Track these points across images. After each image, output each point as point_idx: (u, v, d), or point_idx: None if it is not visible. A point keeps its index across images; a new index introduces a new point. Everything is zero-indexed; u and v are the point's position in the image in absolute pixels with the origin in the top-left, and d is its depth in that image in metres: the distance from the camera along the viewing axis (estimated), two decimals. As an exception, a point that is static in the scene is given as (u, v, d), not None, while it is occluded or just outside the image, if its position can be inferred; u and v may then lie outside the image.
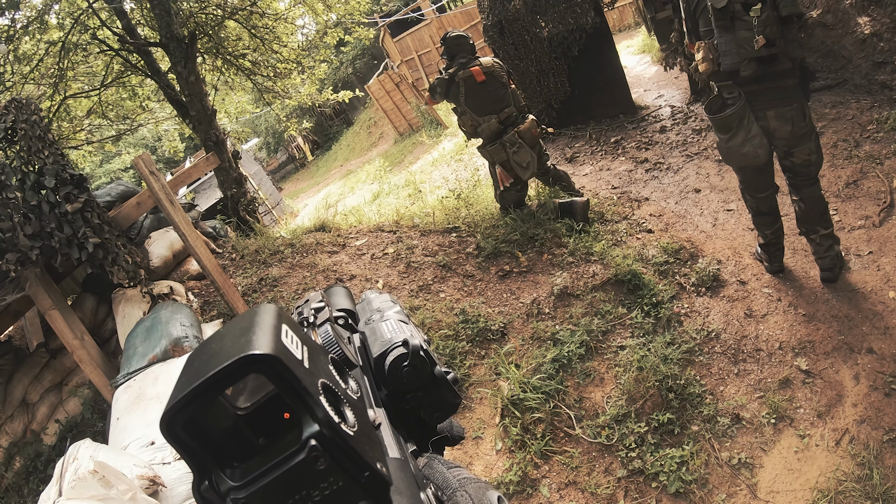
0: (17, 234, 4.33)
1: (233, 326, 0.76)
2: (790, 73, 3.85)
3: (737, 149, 4.08)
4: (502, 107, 5.96)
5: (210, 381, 0.66)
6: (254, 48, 10.32)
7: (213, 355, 0.70)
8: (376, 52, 28.39)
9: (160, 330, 4.24)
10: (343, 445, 0.70)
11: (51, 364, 5.63)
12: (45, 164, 4.48)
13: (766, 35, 3.65)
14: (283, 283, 5.78)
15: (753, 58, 3.75)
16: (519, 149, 5.83)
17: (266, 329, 0.73)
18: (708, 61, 3.95)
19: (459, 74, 5.96)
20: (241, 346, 0.69)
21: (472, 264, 5.66)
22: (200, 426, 0.69)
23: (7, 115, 4.55)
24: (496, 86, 5.95)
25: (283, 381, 0.68)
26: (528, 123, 5.91)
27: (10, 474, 5.44)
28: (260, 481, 0.69)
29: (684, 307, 4.66)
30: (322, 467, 0.69)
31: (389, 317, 1.10)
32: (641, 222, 5.81)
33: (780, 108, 3.95)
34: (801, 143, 4.05)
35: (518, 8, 8.08)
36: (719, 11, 3.76)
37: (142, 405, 3.48)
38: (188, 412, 0.67)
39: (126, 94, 10.87)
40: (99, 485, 2.49)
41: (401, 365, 0.97)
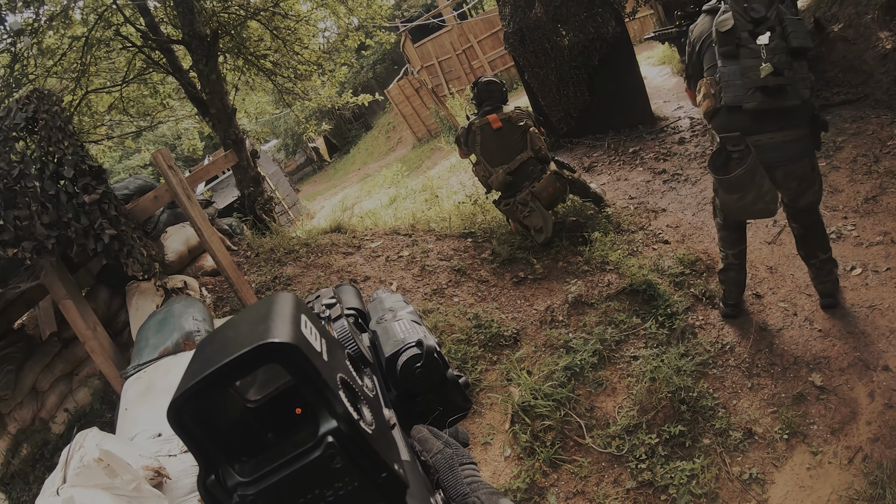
0: (34, 222, 4.37)
1: (248, 314, 0.74)
2: (800, 119, 3.63)
3: (749, 206, 3.75)
4: (515, 154, 5.78)
5: (224, 369, 0.64)
6: (275, 49, 10.36)
7: (227, 343, 0.68)
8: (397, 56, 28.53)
9: (173, 323, 4.26)
10: (361, 444, 0.68)
11: (62, 353, 5.68)
12: (64, 155, 4.52)
13: (773, 63, 3.44)
14: (296, 282, 5.79)
15: (759, 87, 3.50)
16: (531, 212, 5.65)
17: (285, 318, 0.71)
18: (709, 97, 3.70)
19: (475, 123, 5.86)
20: (258, 333, 0.67)
21: (486, 270, 5.66)
22: (209, 417, 0.67)
23: (29, 105, 4.60)
24: (513, 133, 5.78)
25: (302, 373, 0.66)
26: (545, 181, 5.66)
27: (17, 461, 5.49)
28: (270, 478, 0.66)
29: (699, 319, 4.63)
30: (338, 466, 0.67)
31: (402, 317, 1.08)
32: (658, 233, 5.78)
33: (790, 165, 3.71)
34: (807, 192, 3.85)
35: (539, 16, 8.07)
36: (724, 35, 3.56)
37: (151, 397, 3.50)
38: (198, 401, 0.65)
39: (147, 91, 10.93)
40: (104, 473, 2.50)
41: (413, 365, 0.95)
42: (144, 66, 9.95)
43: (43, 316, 5.91)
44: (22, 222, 4.37)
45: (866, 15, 6.41)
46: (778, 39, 3.46)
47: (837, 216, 5.17)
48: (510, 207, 5.79)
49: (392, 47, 20.62)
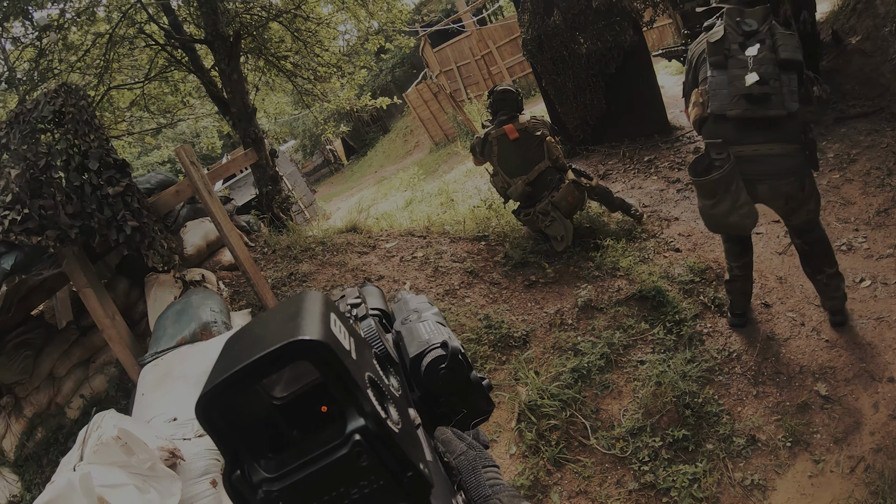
0: (59, 212, 4.50)
1: (278, 312, 0.76)
2: (787, 132, 3.67)
3: (721, 217, 3.76)
4: (533, 164, 5.78)
5: (255, 365, 0.65)
6: (295, 51, 10.51)
7: (257, 339, 0.68)
8: (416, 61, 28.57)
9: (191, 313, 4.37)
10: (388, 443, 0.68)
11: (80, 341, 5.81)
12: (90, 148, 4.65)
13: (759, 73, 3.51)
14: (312, 279, 5.89)
15: (743, 95, 3.56)
16: (552, 222, 5.68)
17: (315, 315, 0.71)
18: (698, 106, 3.77)
19: (492, 133, 5.87)
20: (289, 330, 0.67)
21: (499, 272, 5.73)
22: (236, 412, 0.68)
23: (56, 99, 4.73)
24: (530, 144, 5.79)
25: (331, 371, 0.66)
26: (564, 190, 5.67)
27: (31, 444, 5.62)
28: (296, 475, 0.67)
29: (707, 326, 4.68)
30: (364, 464, 0.67)
31: (427, 318, 1.08)
32: (670, 241, 5.82)
33: (774, 181, 3.72)
34: (799, 210, 3.86)
35: (557, 23, 8.13)
36: (713, 45, 3.65)
37: (167, 383, 3.60)
38: (227, 396, 0.66)
39: (168, 89, 11.12)
40: (121, 451, 2.59)
41: (438, 366, 0.95)
42: (166, 63, 10.09)
43: (60, 306, 6.03)
44: (47, 211, 4.50)
45: (884, 28, 6.43)
46: (767, 51, 3.53)
47: (849, 228, 5.21)
48: (530, 217, 5.82)
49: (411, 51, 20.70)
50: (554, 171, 5.80)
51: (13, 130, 4.76)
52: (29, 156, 4.57)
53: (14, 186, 4.48)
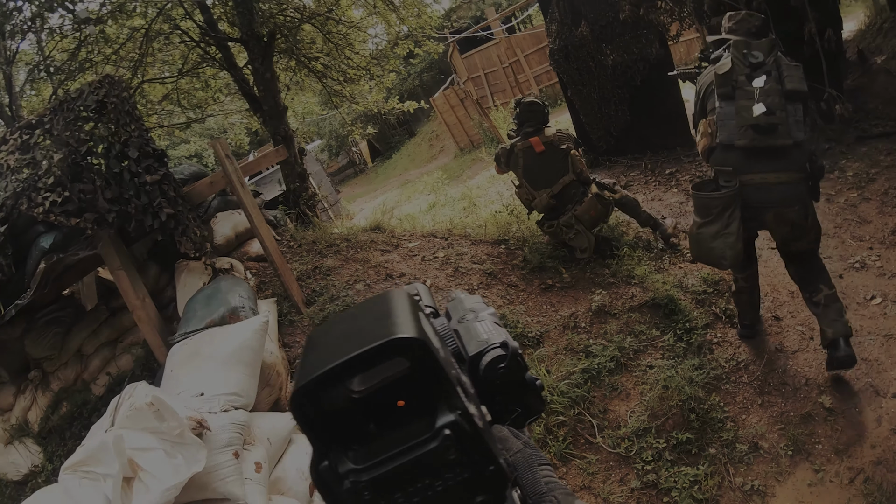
0: (98, 196, 4.70)
1: (366, 309, 0.79)
2: (793, 161, 3.77)
3: (706, 240, 3.89)
4: (558, 177, 5.85)
5: (355, 360, 0.67)
6: (326, 52, 10.64)
7: (351, 335, 0.71)
8: (444, 66, 28.71)
9: (220, 298, 4.56)
10: (476, 437, 0.71)
11: (109, 321, 6.00)
12: (130, 137, 4.85)
13: (766, 104, 3.62)
14: (335, 273, 6.05)
15: (751, 125, 3.68)
16: (576, 234, 5.77)
17: (406, 314, 0.74)
18: (706, 136, 3.88)
19: (518, 145, 5.95)
20: (386, 328, 0.70)
21: (516, 275, 5.86)
22: (325, 405, 0.70)
23: (100, 90, 4.94)
24: (555, 157, 5.86)
25: (425, 367, 0.69)
26: (587, 203, 5.75)
27: (56, 417, 5.77)
28: (385, 466, 0.69)
29: (717, 336, 4.78)
30: (452, 457, 0.69)
31: (484, 317, 1.06)
32: (685, 252, 5.90)
33: (780, 208, 3.82)
34: (801, 239, 3.96)
35: (584, 35, 8.24)
36: (722, 77, 3.76)
37: (196, 361, 3.78)
38: (323, 389, 0.68)
39: (199, 85, 11.23)
40: (153, 417, 2.76)
41: (497, 366, 0.93)
42: (199, 60, 10.29)
43: (85, 290, 6.22)
44: (86, 195, 4.70)
45: (910, 47, 6.51)
46: (773, 83, 3.64)
47: (863, 246, 5.29)
48: (554, 229, 5.92)
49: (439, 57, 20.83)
50: (578, 184, 5.88)
51: (57, 117, 4.98)
52: (71, 142, 4.78)
53: (56, 170, 4.69)
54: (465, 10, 31.18)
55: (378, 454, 0.69)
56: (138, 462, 2.67)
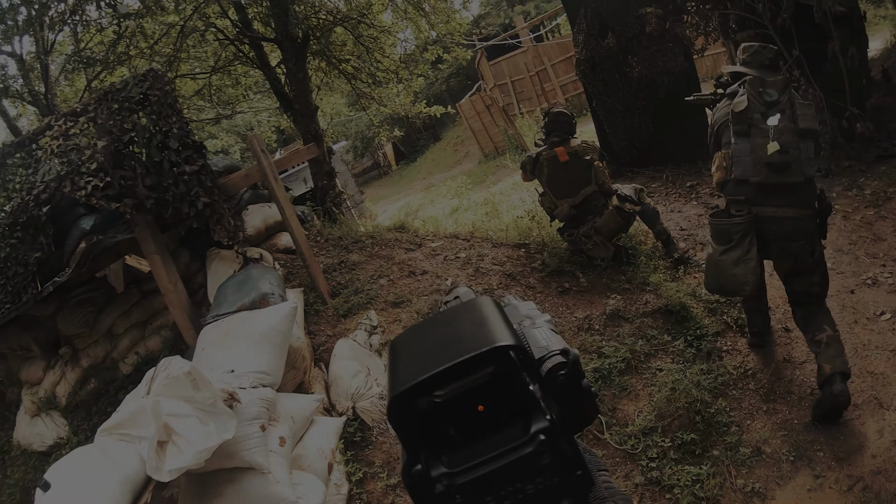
0: (138, 183, 4.94)
1: (457, 317, 0.84)
2: (803, 198, 3.91)
3: (727, 267, 3.97)
4: (580, 188, 5.96)
5: (458, 367, 0.71)
6: (357, 55, 10.91)
7: (447, 343, 0.76)
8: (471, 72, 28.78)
9: (251, 284, 4.78)
10: (567, 442, 0.75)
11: (140, 303, 6.25)
12: (171, 129, 5.09)
13: (780, 142, 3.76)
14: (360, 268, 6.27)
15: (765, 163, 3.82)
16: (594, 245, 5.91)
17: (501, 322, 0.79)
18: (721, 169, 4.04)
19: (544, 154, 6.05)
20: (485, 336, 0.74)
21: (535, 278, 6.02)
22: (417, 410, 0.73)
23: (144, 83, 5.19)
24: (578, 167, 5.95)
25: (520, 374, 0.73)
26: (607, 216, 5.87)
27: (84, 392, 6.02)
28: (479, 470, 0.72)
29: (727, 344, 4.90)
30: (545, 462, 0.72)
31: (541, 324, 1.10)
32: (701, 263, 5.99)
33: (787, 242, 3.98)
34: (802, 276, 4.10)
35: (611, 46, 8.35)
36: (738, 115, 3.90)
37: (228, 340, 4.01)
38: (420, 395, 0.72)
39: (230, 82, 11.59)
40: (189, 386, 2.96)
41: (558, 372, 0.95)
42: (232, 57, 10.52)
43: (112, 275, 6.45)
44: (127, 182, 4.94)
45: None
46: (787, 121, 3.78)
47: (876, 263, 5.37)
48: (573, 238, 6.05)
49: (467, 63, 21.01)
50: (599, 195, 5.98)
51: (101, 107, 5.23)
52: (115, 130, 5.03)
53: (99, 156, 4.94)
54: (493, 16, 31.33)
55: (472, 458, 0.73)
56: (173, 427, 2.87)
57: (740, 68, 4.18)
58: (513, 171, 14.82)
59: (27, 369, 6.34)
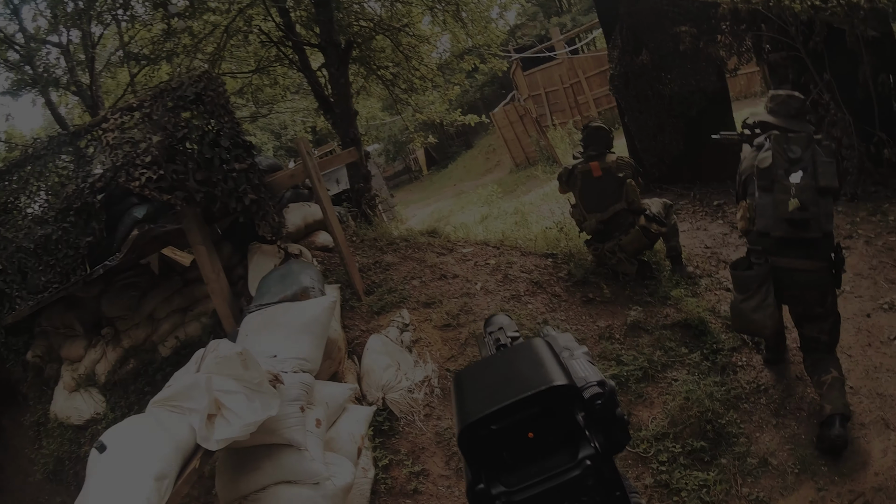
0: (189, 177, 5.24)
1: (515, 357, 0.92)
2: (819, 251, 4.09)
3: (748, 313, 4.23)
4: (609, 204, 6.03)
5: (520, 404, 0.78)
6: (396, 62, 11.14)
7: (510, 381, 0.83)
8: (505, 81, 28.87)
9: (292, 278, 5.06)
10: (610, 467, 0.81)
11: (182, 291, 6.55)
12: (222, 128, 5.39)
13: (800, 199, 3.93)
14: (394, 269, 6.53)
15: (785, 219, 4.00)
16: (618, 262, 6.05)
17: (555, 363, 0.86)
18: (745, 219, 4.25)
19: (579, 167, 6.14)
20: (543, 376, 0.80)
21: (561, 287, 6.22)
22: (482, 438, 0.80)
23: (199, 83, 5.49)
24: (611, 183, 6.01)
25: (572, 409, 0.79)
26: (633, 235, 5.97)
27: (123, 371, 6.28)
28: (532, 490, 0.78)
29: (742, 360, 5.07)
30: (590, 483, 0.78)
31: (579, 356, 1.13)
32: (723, 281, 6.17)
33: (798, 291, 4.21)
34: (812, 323, 4.28)
35: (645, 63, 8.43)
36: (762, 171, 4.08)
37: (271, 327, 4.30)
38: (487, 425, 0.78)
39: (268, 82, 11.86)
40: (240, 366, 3.23)
41: (595, 402, 0.99)
42: (274, 59, 10.83)
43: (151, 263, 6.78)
44: (178, 175, 5.24)
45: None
46: (808, 179, 3.96)
47: (894, 288, 5.49)
48: (598, 252, 6.19)
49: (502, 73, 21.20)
50: (628, 213, 6.03)
51: (157, 103, 5.54)
52: (169, 127, 5.33)
53: (154, 150, 5.24)
54: (529, 27, 31.40)
55: (530, 479, 0.80)
56: (222, 401, 3.15)
57: (767, 117, 4.37)
58: (543, 182, 14.91)
59: (69, 347, 6.58)
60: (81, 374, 6.42)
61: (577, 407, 0.85)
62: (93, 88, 11.24)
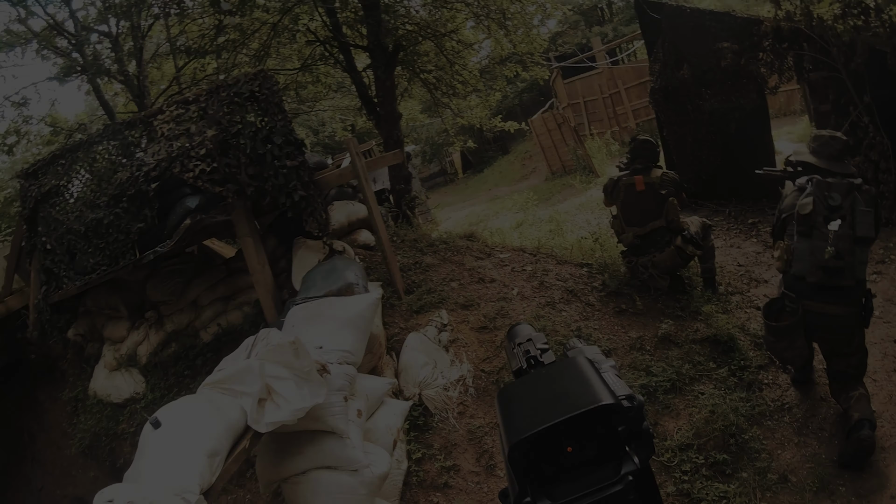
0: (241, 172, 5.46)
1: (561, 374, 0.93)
2: (851, 297, 4.21)
3: (779, 350, 4.50)
4: (649, 220, 6.07)
5: (569, 421, 0.78)
6: (440, 67, 11.31)
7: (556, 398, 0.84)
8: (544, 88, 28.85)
9: (338, 273, 5.28)
10: (650, 482, 0.82)
11: (226, 280, 6.79)
12: (275, 125, 5.60)
13: (837, 247, 4.03)
14: (433, 270, 6.73)
15: (821, 266, 4.10)
16: (650, 278, 6.14)
17: (599, 381, 0.87)
18: (782, 260, 4.35)
19: (623, 180, 6.18)
20: (590, 395, 0.81)
21: (594, 296, 6.37)
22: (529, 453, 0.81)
23: (254, 81, 5.72)
24: (653, 199, 6.05)
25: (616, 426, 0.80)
26: (667, 255, 6.02)
27: (164, 354, 6.52)
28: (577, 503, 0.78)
29: (768, 378, 5.17)
30: (631, 498, 0.78)
31: (606, 370, 1.12)
32: (754, 300, 6.27)
33: (827, 333, 4.34)
34: (840, 359, 4.38)
35: (685, 77, 8.46)
36: (802, 217, 4.17)
37: (317, 320, 4.50)
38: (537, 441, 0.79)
39: (310, 79, 12.06)
40: (291, 354, 3.44)
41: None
42: (319, 58, 11.04)
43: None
44: (231, 169, 5.47)
45: None
46: (846, 228, 4.07)
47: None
48: (632, 265, 6.27)
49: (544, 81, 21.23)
50: (666, 231, 6.07)
51: (212, 99, 5.77)
52: (224, 122, 5.57)
53: (209, 143, 5.48)
54: (570, 35, 31.34)
55: (574, 493, 0.81)
56: (273, 387, 3.37)
57: (809, 158, 4.47)
58: (579, 192, 14.95)
59: (112, 327, 6.82)
60: (123, 354, 6.64)
61: (620, 423, 0.87)
62: (140, 78, 11.52)
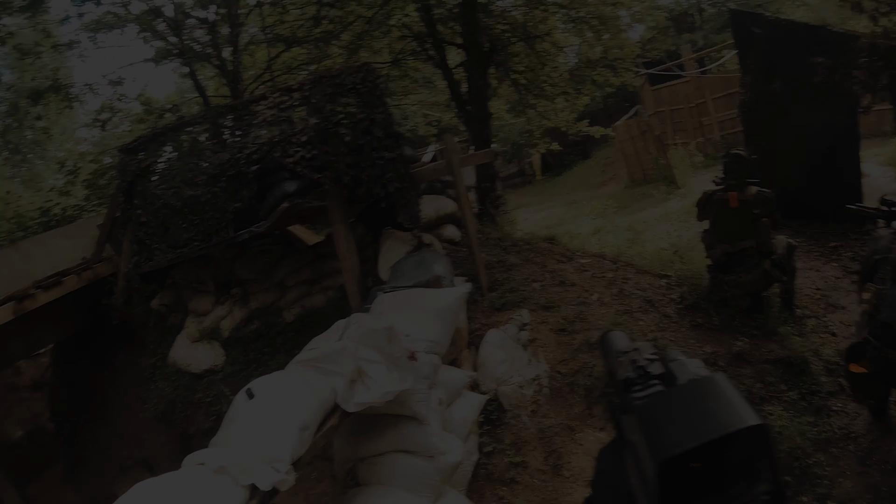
0: (340, 160, 5.71)
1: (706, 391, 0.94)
2: None
3: (857, 392, 4.43)
4: (739, 239, 5.97)
5: (721, 439, 0.80)
6: (531, 68, 11.34)
7: (704, 416, 0.84)
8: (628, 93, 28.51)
9: (426, 265, 5.53)
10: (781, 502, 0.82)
11: (313, 264, 7.11)
12: (376, 118, 5.83)
13: None
14: (516, 270, 6.90)
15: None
16: (733, 297, 6.10)
17: (745, 402, 0.89)
18: (870, 304, 4.26)
19: (717, 195, 6.11)
20: (739, 414, 0.83)
21: (672, 308, 6.44)
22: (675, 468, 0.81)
23: (358, 74, 5.95)
24: (745, 217, 5.92)
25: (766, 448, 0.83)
26: (753, 276, 5.94)
27: (247, 330, 6.83)
28: None
29: (837, 405, 5.15)
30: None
31: None
32: (829, 325, 6.18)
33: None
34: None
35: (776, 91, 8.24)
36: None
37: (405, 308, 4.76)
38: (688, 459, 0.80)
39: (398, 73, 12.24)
40: (385, 339, 3.68)
41: None
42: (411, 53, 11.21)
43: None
44: (330, 157, 5.72)
45: None
46: None
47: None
48: (716, 280, 6.23)
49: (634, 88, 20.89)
50: (755, 252, 5.96)
51: (315, 88, 6.03)
52: (325, 111, 5.81)
53: (310, 131, 5.75)
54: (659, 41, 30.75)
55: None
56: (364, 369, 3.62)
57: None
58: (658, 202, 14.71)
59: (197, 300, 7.18)
60: (206, 326, 6.99)
61: (760, 443, 0.89)
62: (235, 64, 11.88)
